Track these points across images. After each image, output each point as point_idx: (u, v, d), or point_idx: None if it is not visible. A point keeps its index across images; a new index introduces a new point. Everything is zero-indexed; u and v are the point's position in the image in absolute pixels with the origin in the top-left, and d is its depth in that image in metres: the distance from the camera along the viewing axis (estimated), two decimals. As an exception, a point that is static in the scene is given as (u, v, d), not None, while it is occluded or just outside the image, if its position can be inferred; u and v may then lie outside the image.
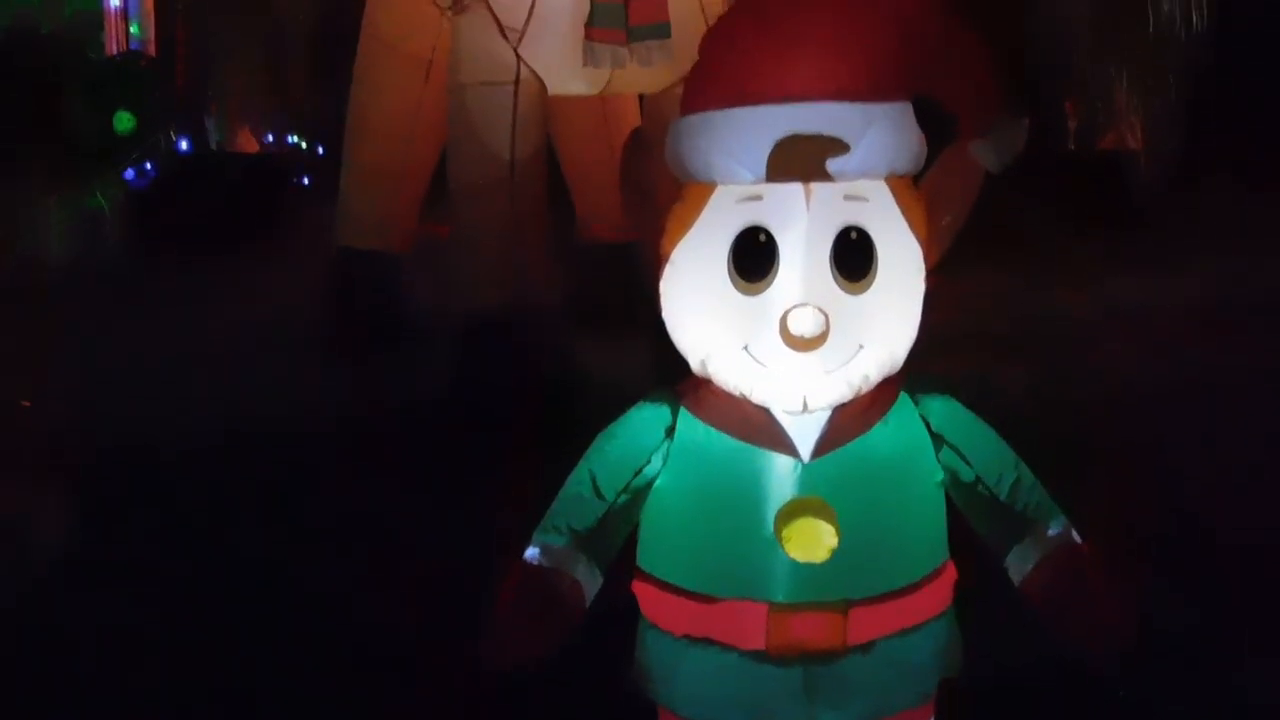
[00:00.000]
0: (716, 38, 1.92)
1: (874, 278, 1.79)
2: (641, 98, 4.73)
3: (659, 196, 1.85)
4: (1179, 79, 7.41)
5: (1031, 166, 2.25)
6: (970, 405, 1.92)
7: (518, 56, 4.31)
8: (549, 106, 4.52)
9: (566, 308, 4.65)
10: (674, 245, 1.84)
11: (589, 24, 4.25)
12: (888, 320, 1.82)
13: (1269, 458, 3.84)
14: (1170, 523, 3.28)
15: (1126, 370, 4.66)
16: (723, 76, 1.87)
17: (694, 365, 1.86)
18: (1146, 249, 5.90)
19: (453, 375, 4.57)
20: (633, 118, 4.84)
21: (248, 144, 6.94)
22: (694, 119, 1.88)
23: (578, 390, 4.00)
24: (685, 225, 1.83)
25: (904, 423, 1.88)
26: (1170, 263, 5.74)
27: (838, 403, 1.82)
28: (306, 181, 6.76)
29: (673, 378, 1.90)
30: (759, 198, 1.78)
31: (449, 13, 4.43)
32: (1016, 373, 4.48)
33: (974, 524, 1.89)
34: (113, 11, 6.41)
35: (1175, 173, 7.16)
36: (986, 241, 2.57)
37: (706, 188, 1.82)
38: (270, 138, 6.96)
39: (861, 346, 1.80)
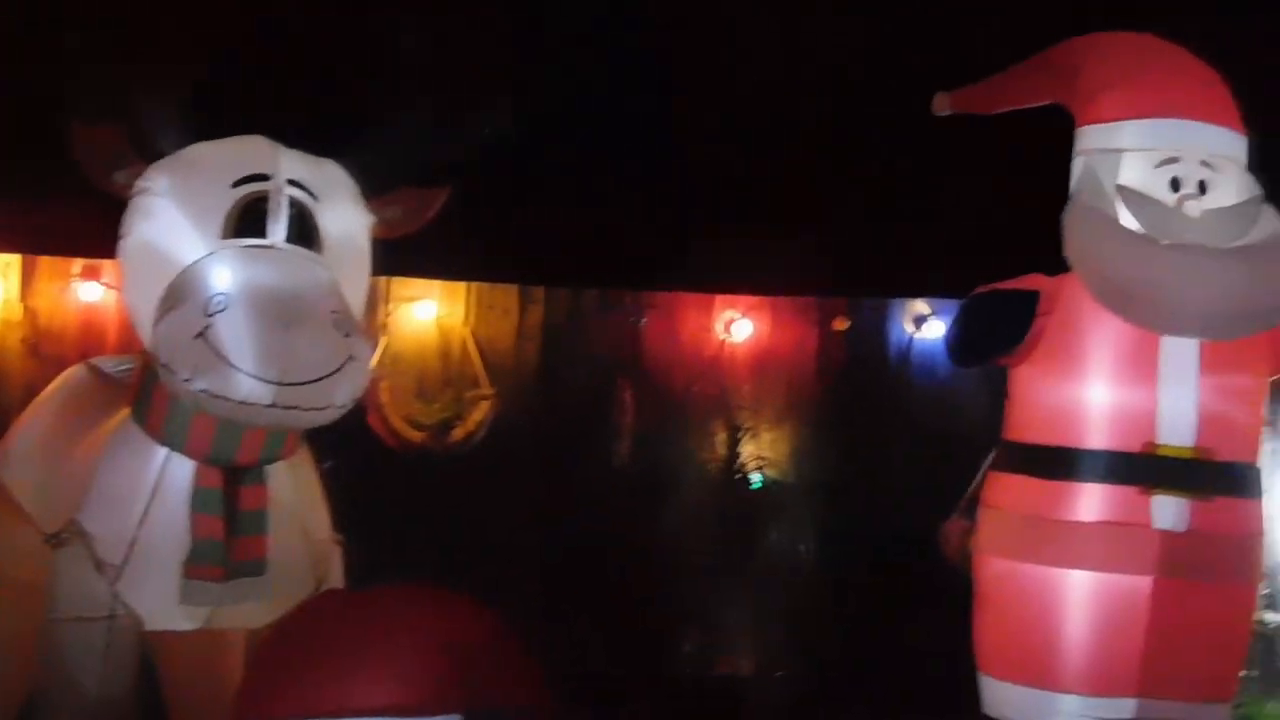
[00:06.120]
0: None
1: None
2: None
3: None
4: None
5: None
6: None
7: (114, 593, 4.26)
8: (149, 642, 4.44)
9: None
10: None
11: (188, 561, 4.23)
12: None
13: None
14: None
15: None
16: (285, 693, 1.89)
17: None
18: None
19: None
20: (237, 650, 4.76)
21: None
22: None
23: None
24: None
25: None
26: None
27: None
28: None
29: None
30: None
31: (49, 545, 4.37)
32: None
33: None
34: None
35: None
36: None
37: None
38: None
39: None
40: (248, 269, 4.15)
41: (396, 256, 4.71)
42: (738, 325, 8.40)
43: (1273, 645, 7.47)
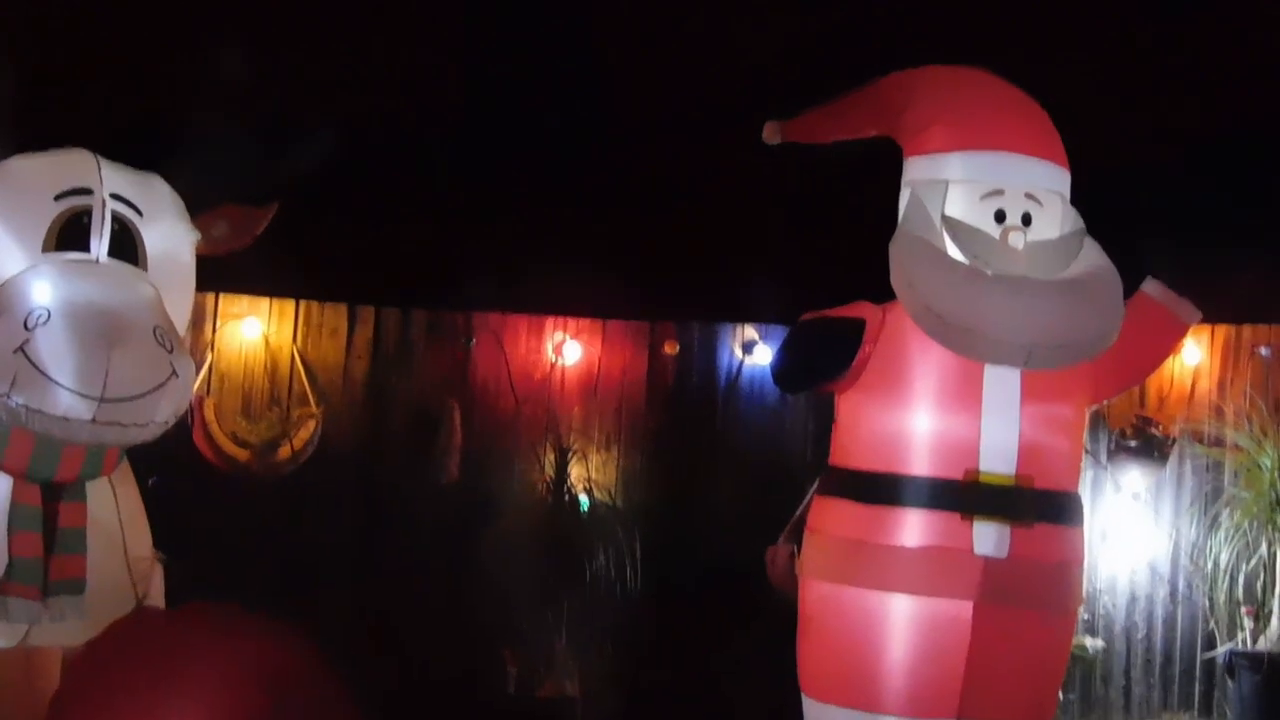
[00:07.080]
0: None
1: None
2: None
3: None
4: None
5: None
6: None
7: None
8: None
9: None
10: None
11: (4, 579, 4.12)
12: None
13: None
14: None
15: None
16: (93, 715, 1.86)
17: None
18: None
19: None
20: (54, 668, 4.66)
21: None
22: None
23: None
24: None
25: None
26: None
27: None
28: None
29: None
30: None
31: None
32: None
33: None
34: None
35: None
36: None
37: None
38: None
39: None
40: (69, 283, 4.07)
41: (224, 273, 4.65)
42: (568, 347, 8.40)
43: (1091, 669, 7.62)
